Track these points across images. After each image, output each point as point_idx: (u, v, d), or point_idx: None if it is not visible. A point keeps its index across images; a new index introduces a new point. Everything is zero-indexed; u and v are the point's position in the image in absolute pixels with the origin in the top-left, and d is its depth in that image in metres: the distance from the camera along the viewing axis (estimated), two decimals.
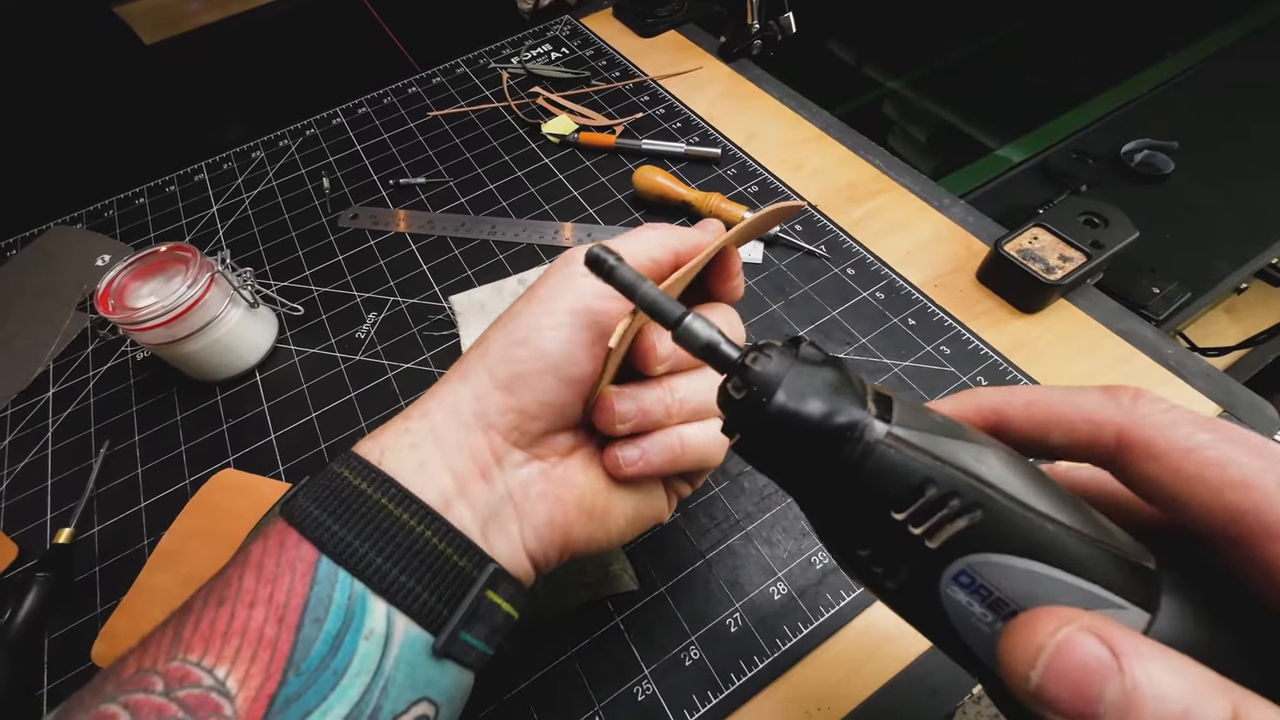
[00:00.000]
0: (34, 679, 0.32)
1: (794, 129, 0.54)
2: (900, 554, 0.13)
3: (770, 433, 0.15)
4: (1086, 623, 0.11)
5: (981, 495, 0.13)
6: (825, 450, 0.14)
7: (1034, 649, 0.11)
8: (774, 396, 0.14)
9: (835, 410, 0.14)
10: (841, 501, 0.14)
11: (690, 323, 0.17)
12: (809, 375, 0.15)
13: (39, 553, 0.36)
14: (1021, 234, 0.40)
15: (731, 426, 0.16)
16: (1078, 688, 0.11)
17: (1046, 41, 0.86)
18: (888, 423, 0.14)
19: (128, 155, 0.73)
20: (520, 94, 0.61)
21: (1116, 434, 0.14)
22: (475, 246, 0.48)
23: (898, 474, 0.13)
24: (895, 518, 0.13)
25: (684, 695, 0.29)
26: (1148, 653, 0.11)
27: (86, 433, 0.42)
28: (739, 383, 0.15)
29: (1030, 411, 0.15)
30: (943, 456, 0.13)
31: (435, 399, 0.21)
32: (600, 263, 0.18)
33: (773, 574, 0.32)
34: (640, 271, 0.22)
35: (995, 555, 0.12)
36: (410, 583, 0.18)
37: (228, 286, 0.41)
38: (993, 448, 0.14)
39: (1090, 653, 0.11)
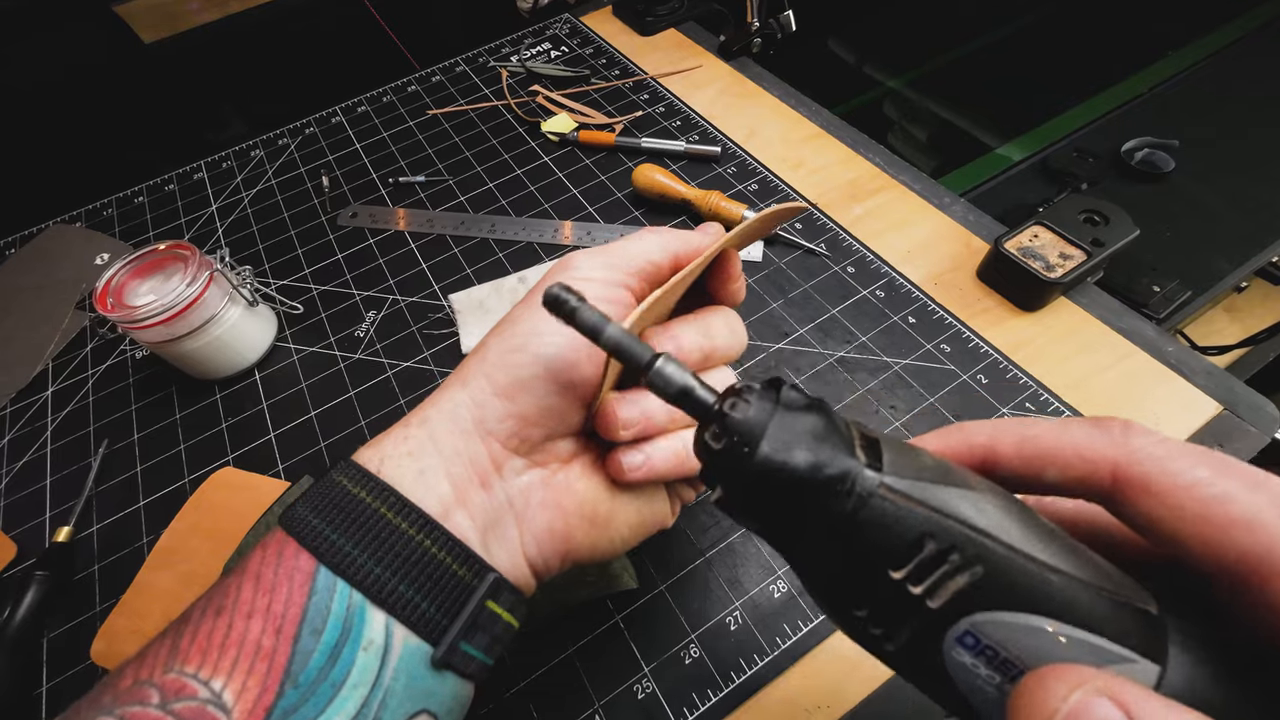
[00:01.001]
0: (33, 678, 0.32)
1: (794, 127, 0.53)
2: (900, 614, 0.13)
3: (754, 486, 0.14)
4: (1100, 685, 0.11)
5: (982, 548, 0.12)
6: (815, 504, 0.13)
7: (1046, 716, 0.11)
8: (757, 447, 0.13)
9: (824, 461, 0.13)
10: (834, 559, 0.13)
11: (662, 367, 0.16)
12: (793, 422, 0.14)
13: (38, 551, 0.36)
14: (1022, 232, 0.40)
15: (712, 478, 0.15)
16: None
17: (1047, 40, 0.86)
18: (879, 471, 0.13)
19: (127, 154, 0.73)
20: (520, 92, 0.61)
21: (1111, 470, 0.13)
22: (475, 245, 0.48)
23: (893, 528, 0.12)
24: (893, 576, 0.12)
25: (684, 693, 0.29)
26: (1163, 713, 0.10)
27: (85, 431, 0.42)
28: (717, 431, 0.14)
29: (1022, 449, 0.14)
30: (939, 507, 0.12)
31: (434, 406, 0.21)
32: (560, 304, 0.17)
33: (772, 572, 0.32)
34: (639, 274, 0.22)
35: (999, 613, 0.12)
36: (409, 593, 0.18)
37: (227, 285, 0.41)
38: (988, 493, 0.13)
39: (1105, 717, 0.10)
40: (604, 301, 0.21)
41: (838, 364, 0.39)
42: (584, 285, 0.21)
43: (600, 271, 0.22)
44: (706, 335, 0.22)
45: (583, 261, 0.22)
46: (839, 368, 0.39)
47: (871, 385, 0.38)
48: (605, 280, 0.22)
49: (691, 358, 0.22)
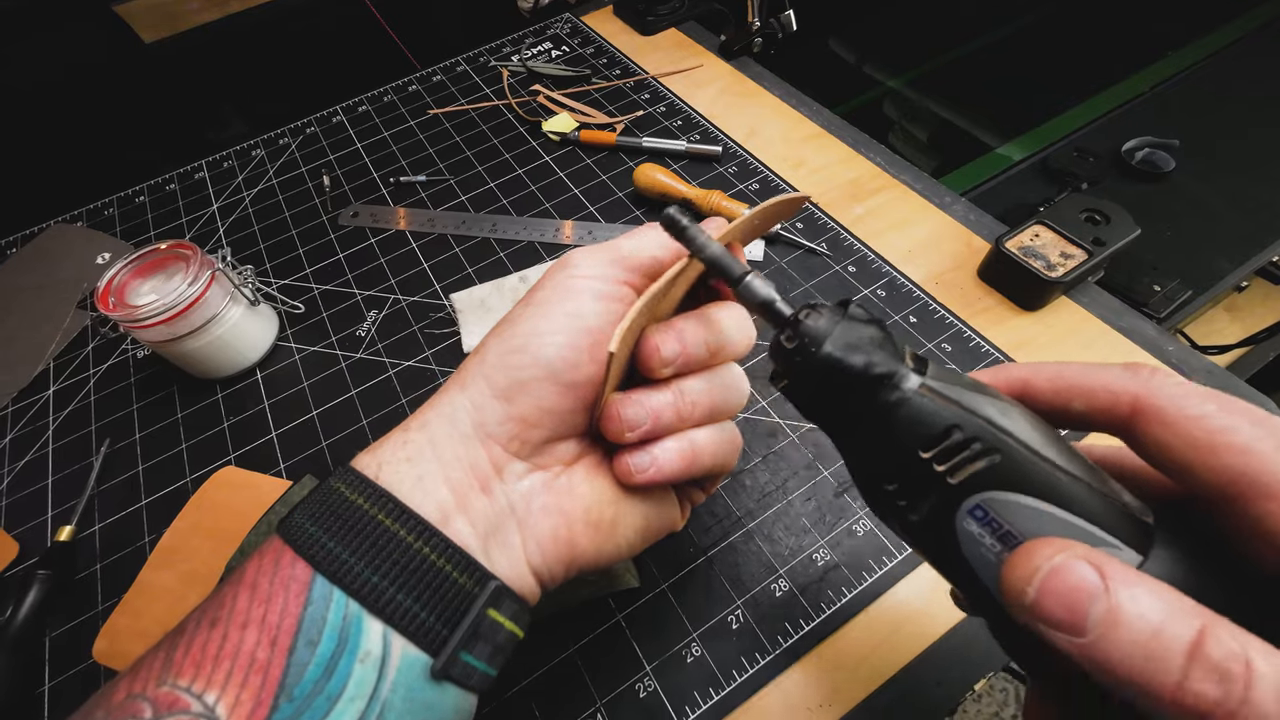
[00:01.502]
0: (35, 677, 0.32)
1: (795, 127, 0.54)
2: (924, 488, 0.15)
3: (817, 378, 0.16)
4: (1081, 551, 0.13)
5: (1000, 441, 0.14)
6: (865, 394, 0.16)
7: (1031, 569, 0.13)
8: (822, 346, 0.16)
9: (876, 361, 0.16)
10: (875, 441, 0.16)
11: (750, 280, 0.19)
12: (855, 330, 0.16)
13: (40, 551, 0.36)
14: (1023, 231, 0.40)
15: (781, 374, 0.18)
16: (1068, 604, 0.12)
17: (1047, 40, 0.86)
18: (922, 376, 0.15)
19: (128, 153, 0.73)
20: (521, 92, 0.61)
21: (1132, 402, 0.15)
22: (476, 244, 0.48)
23: (928, 419, 0.15)
24: (922, 456, 0.15)
25: (686, 692, 0.29)
26: (1132, 579, 0.12)
27: (87, 430, 0.42)
28: (791, 334, 0.17)
29: (1055, 382, 0.16)
30: (968, 406, 0.15)
31: (434, 409, 0.21)
32: (675, 223, 0.19)
33: (774, 571, 0.32)
34: (641, 270, 0.22)
35: (1008, 493, 0.14)
36: (408, 602, 0.17)
37: (228, 284, 0.41)
38: (1014, 405, 0.15)
39: (1082, 574, 0.12)
40: (606, 299, 0.21)
41: None
42: (587, 283, 0.21)
43: (600, 269, 0.21)
44: (711, 330, 0.22)
45: (582, 259, 0.22)
46: None
47: None
48: (606, 277, 0.21)
49: (697, 353, 0.21)
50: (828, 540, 0.32)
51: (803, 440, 0.36)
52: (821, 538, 0.32)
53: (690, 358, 0.21)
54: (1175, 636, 0.11)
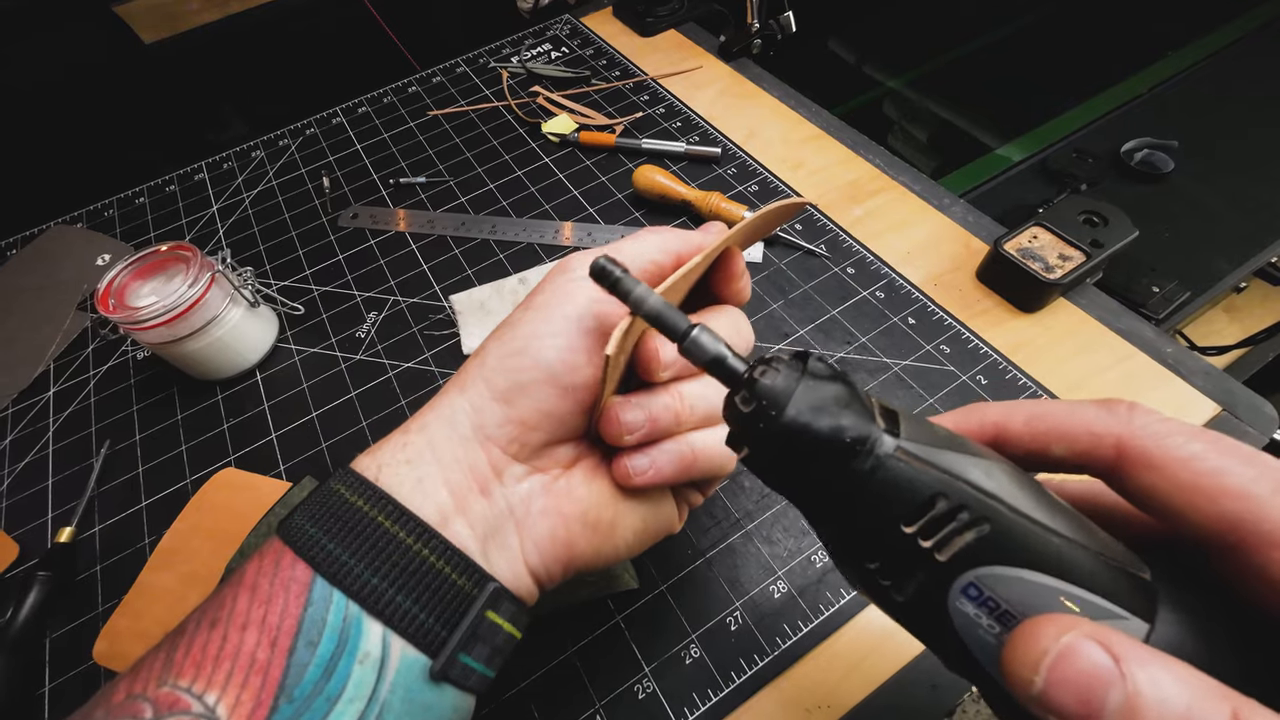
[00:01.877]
0: (35, 678, 0.32)
1: (794, 128, 0.54)
2: (909, 566, 0.14)
3: (780, 446, 0.15)
4: (1089, 630, 0.11)
5: (989, 509, 0.13)
6: (835, 464, 0.14)
7: (1037, 654, 0.11)
8: (784, 410, 0.14)
9: (846, 425, 0.14)
10: (851, 514, 0.14)
11: (698, 335, 0.17)
12: (818, 389, 0.15)
13: (40, 552, 0.36)
14: (1021, 233, 0.40)
15: (739, 440, 0.16)
16: (1081, 693, 0.11)
17: (1047, 40, 0.86)
18: (896, 437, 0.14)
19: (128, 154, 0.73)
20: (520, 93, 0.61)
21: (1115, 445, 0.14)
22: (475, 246, 0.48)
23: (907, 487, 0.13)
24: (905, 531, 0.13)
25: (684, 693, 0.29)
26: (1149, 659, 0.11)
27: (87, 432, 0.42)
28: (746, 395, 0.15)
29: (1032, 425, 0.15)
30: (950, 470, 0.13)
31: (433, 411, 0.21)
32: (605, 274, 0.18)
33: (773, 572, 0.32)
34: (641, 275, 0.22)
35: (1002, 568, 0.13)
36: (407, 603, 0.17)
37: (228, 286, 0.41)
38: (997, 462, 0.14)
39: (1093, 659, 0.11)
40: (606, 302, 0.21)
41: (837, 365, 0.39)
42: (587, 285, 0.21)
43: None
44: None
45: (582, 262, 0.22)
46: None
47: (871, 386, 0.38)
48: None
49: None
50: None
51: None
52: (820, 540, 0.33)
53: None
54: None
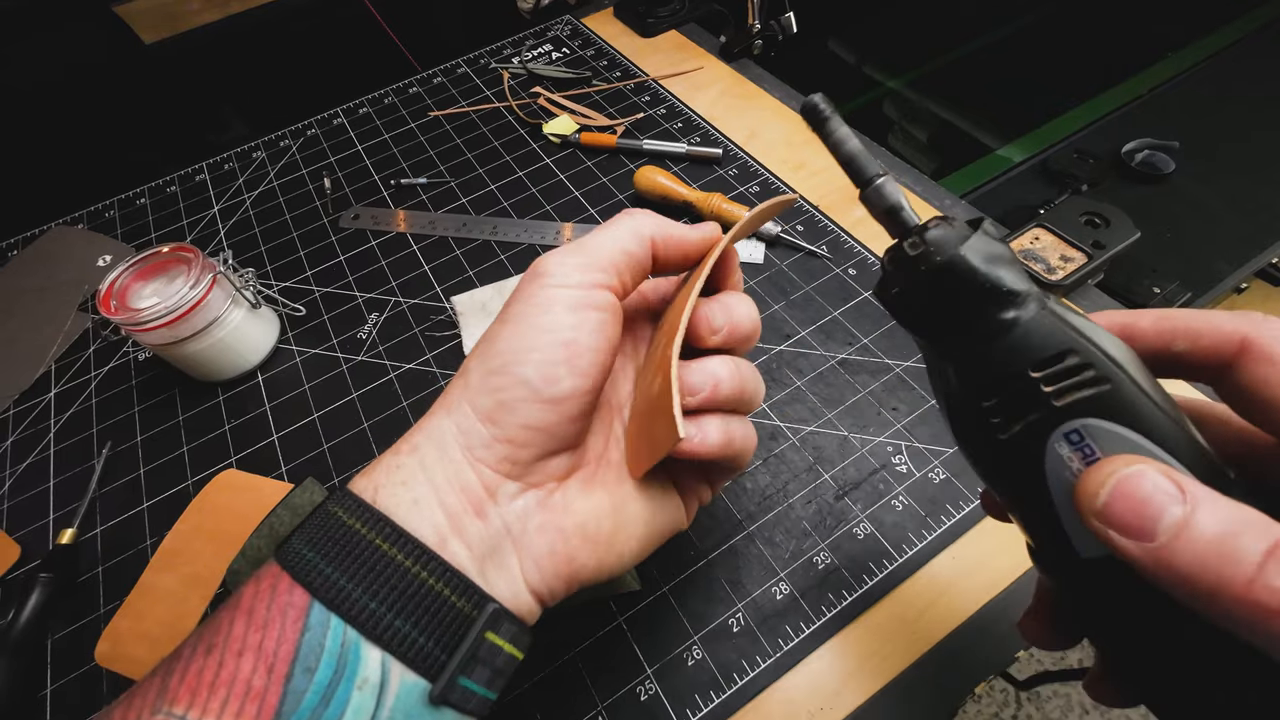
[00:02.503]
0: (37, 680, 0.32)
1: (795, 129, 0.54)
2: (1024, 407, 0.15)
3: (941, 283, 0.16)
4: (1159, 466, 0.13)
5: (1112, 372, 0.14)
6: (988, 306, 0.15)
7: (1108, 474, 0.13)
8: (956, 252, 0.16)
9: (1007, 275, 0.15)
10: (983, 355, 0.16)
11: (882, 184, 0.18)
12: (990, 244, 0.16)
13: (42, 553, 0.36)
14: (1023, 234, 0.40)
15: (892, 282, 0.17)
16: (1138, 509, 0.12)
17: (1047, 40, 0.86)
18: (1046, 300, 0.16)
19: (128, 155, 0.73)
20: (521, 94, 0.61)
21: (1241, 340, 0.15)
22: (476, 247, 0.48)
23: (1045, 339, 0.15)
24: (1032, 375, 0.15)
25: (687, 695, 0.29)
26: (1212, 493, 0.12)
27: (88, 433, 0.42)
28: (916, 241, 0.17)
29: (1160, 323, 0.16)
30: (1086, 334, 0.15)
31: (422, 433, 0.20)
32: (817, 112, 0.19)
33: (775, 574, 0.32)
34: (617, 269, 0.22)
35: (1109, 423, 0.14)
36: (405, 627, 0.17)
37: (230, 287, 0.41)
38: (1126, 346, 0.15)
39: (1157, 483, 0.12)
40: (581, 307, 0.20)
41: (839, 366, 0.39)
42: (560, 292, 0.21)
43: (576, 274, 0.21)
44: (729, 317, 0.22)
45: (555, 266, 0.21)
46: (840, 370, 0.39)
47: (873, 387, 0.38)
48: (583, 283, 0.21)
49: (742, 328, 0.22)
50: (828, 543, 0.32)
51: (803, 443, 0.36)
52: (822, 541, 0.33)
53: (736, 327, 0.22)
54: (1253, 537, 0.11)
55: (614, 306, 0.21)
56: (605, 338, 0.21)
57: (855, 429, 0.36)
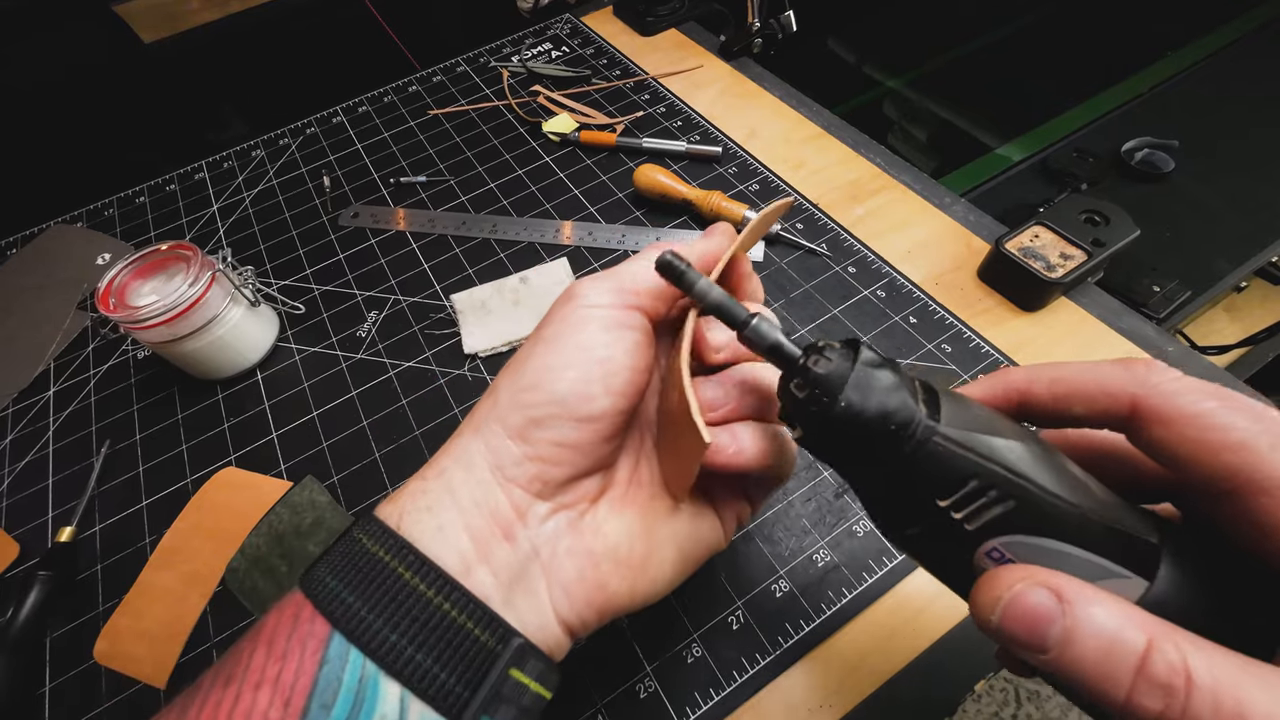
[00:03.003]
0: (36, 678, 0.32)
1: (795, 127, 0.54)
2: (943, 533, 0.16)
3: (832, 428, 0.16)
4: (1041, 579, 0.14)
5: (1015, 488, 0.15)
6: (882, 445, 0.16)
7: (995, 597, 0.14)
8: (836, 398, 0.16)
9: (892, 410, 0.16)
10: (894, 488, 0.16)
11: (757, 324, 0.18)
12: (868, 377, 0.16)
13: (40, 551, 0.36)
14: (1022, 232, 0.40)
15: (793, 420, 0.18)
16: (1028, 626, 0.13)
17: (1047, 40, 0.86)
18: (936, 421, 0.15)
19: (128, 154, 0.73)
20: (521, 92, 0.61)
21: (1130, 402, 0.15)
22: (476, 245, 0.48)
23: (945, 467, 0.15)
24: (940, 504, 0.15)
25: (686, 692, 0.29)
26: (1089, 596, 0.13)
27: (87, 431, 0.42)
28: (801, 382, 0.17)
29: (1054, 388, 0.17)
30: (983, 453, 0.15)
31: (449, 456, 0.20)
32: (672, 268, 0.19)
33: (775, 571, 0.32)
34: (648, 294, 0.21)
35: (1023, 536, 0.15)
36: (427, 662, 0.17)
37: (229, 285, 0.41)
38: (1024, 440, 0.15)
39: (1039, 599, 0.13)
40: (615, 327, 0.20)
41: None
42: (595, 312, 0.20)
43: (608, 297, 0.21)
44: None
45: (588, 289, 0.21)
46: None
47: None
48: (613, 305, 0.21)
49: (721, 355, 0.22)
50: (828, 541, 0.32)
51: None
52: (822, 539, 0.33)
53: (739, 347, 0.21)
54: (1125, 652, 0.12)
55: (646, 328, 0.21)
56: (640, 357, 0.21)
57: None
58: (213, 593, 0.34)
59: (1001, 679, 0.92)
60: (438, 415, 0.39)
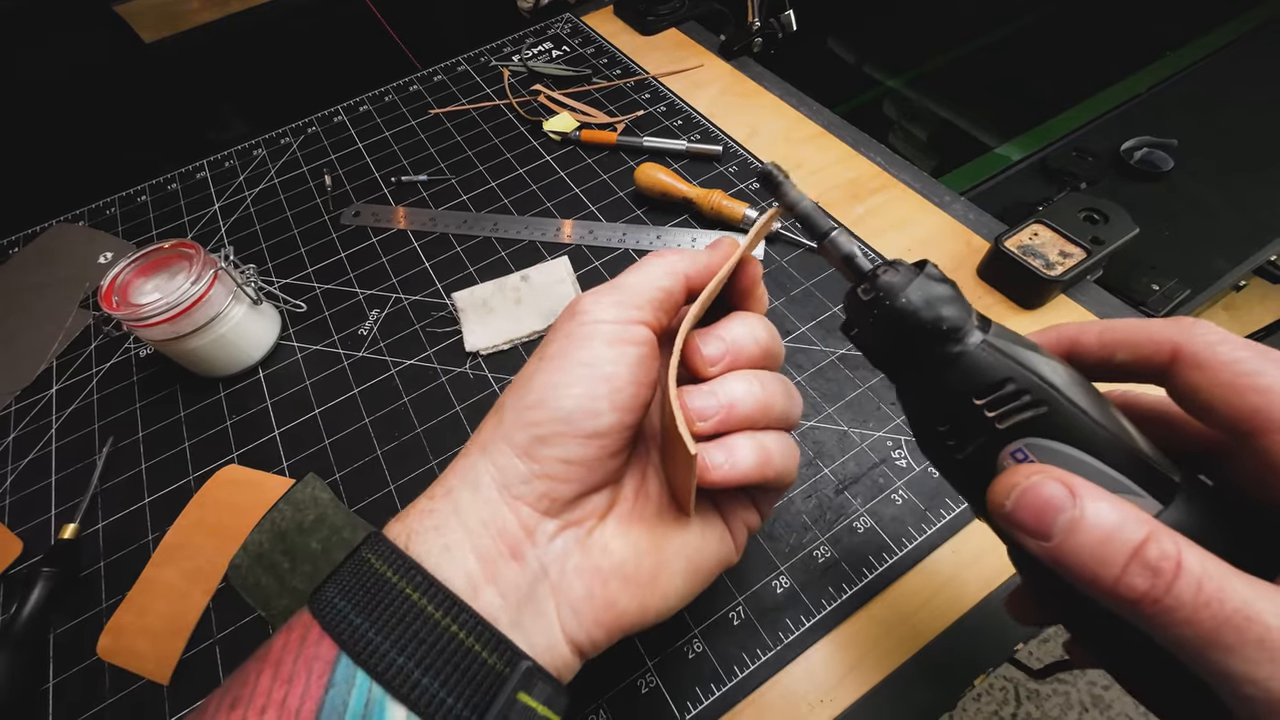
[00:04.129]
0: (40, 673, 0.33)
1: (795, 126, 0.54)
2: (973, 431, 0.17)
3: (890, 325, 0.18)
4: (1055, 474, 0.14)
5: (1047, 395, 0.16)
6: (933, 344, 0.17)
7: (1010, 485, 0.15)
8: (899, 297, 0.17)
9: (947, 316, 0.17)
10: (934, 386, 0.17)
11: (836, 236, 0.20)
12: (930, 287, 0.17)
13: (44, 548, 0.36)
14: (1022, 230, 0.40)
15: (853, 323, 0.19)
16: (1037, 513, 0.14)
17: (1046, 40, 0.86)
18: (985, 333, 0.17)
19: (129, 153, 0.73)
20: (521, 92, 0.61)
21: (1172, 349, 0.16)
22: (477, 243, 0.48)
23: (985, 370, 0.16)
24: (975, 402, 0.16)
25: (687, 687, 0.29)
26: (1098, 494, 0.14)
27: (90, 429, 0.42)
28: (869, 287, 0.18)
29: (1102, 337, 0.18)
30: (1023, 362, 0.16)
31: (456, 475, 0.20)
32: (772, 178, 0.21)
33: (775, 567, 0.32)
34: (652, 305, 0.21)
35: (1049, 441, 0.16)
36: (434, 686, 0.16)
37: (231, 283, 0.41)
38: (1062, 364, 0.17)
39: (1052, 491, 0.14)
40: (620, 343, 0.20)
41: (839, 361, 0.39)
42: (599, 328, 0.20)
43: (612, 311, 0.21)
44: (727, 345, 0.21)
45: (591, 305, 0.21)
46: (840, 365, 0.39)
47: (873, 382, 0.38)
48: (616, 320, 0.21)
49: (747, 348, 0.21)
50: (828, 537, 0.33)
51: (804, 438, 0.36)
52: (822, 535, 0.33)
53: (739, 352, 0.21)
54: (1124, 540, 0.13)
55: (651, 341, 0.21)
56: (645, 371, 0.20)
57: (855, 424, 0.36)
58: (215, 589, 0.34)
59: (1001, 678, 0.92)
60: (439, 413, 0.39)
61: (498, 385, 0.40)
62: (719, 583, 0.32)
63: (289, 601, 0.33)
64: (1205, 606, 0.12)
